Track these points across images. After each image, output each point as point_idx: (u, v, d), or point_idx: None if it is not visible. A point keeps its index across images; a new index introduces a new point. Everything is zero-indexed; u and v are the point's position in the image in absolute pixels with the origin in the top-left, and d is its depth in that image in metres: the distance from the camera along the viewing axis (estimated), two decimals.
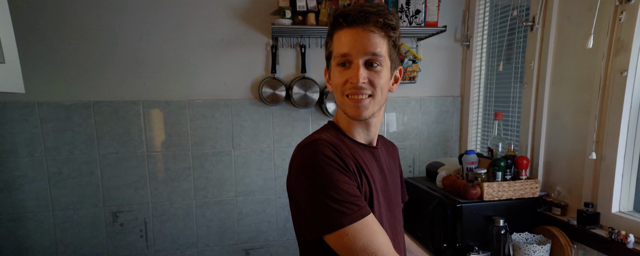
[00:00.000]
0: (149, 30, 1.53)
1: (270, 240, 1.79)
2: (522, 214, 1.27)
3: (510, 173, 1.28)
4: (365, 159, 0.75)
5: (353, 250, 0.64)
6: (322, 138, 0.69)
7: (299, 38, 1.66)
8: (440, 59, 1.82)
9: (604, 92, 1.05)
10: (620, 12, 0.98)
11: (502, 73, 1.61)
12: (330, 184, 0.65)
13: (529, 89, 1.37)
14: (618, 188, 1.03)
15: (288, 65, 1.69)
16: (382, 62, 0.69)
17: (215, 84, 1.64)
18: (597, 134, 1.07)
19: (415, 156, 1.89)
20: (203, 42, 1.59)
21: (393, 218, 0.83)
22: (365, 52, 0.67)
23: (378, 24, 0.67)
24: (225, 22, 1.60)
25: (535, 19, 1.31)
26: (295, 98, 1.66)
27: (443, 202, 1.31)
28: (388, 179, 0.82)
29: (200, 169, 1.67)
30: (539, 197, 1.27)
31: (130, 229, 1.63)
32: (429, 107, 1.86)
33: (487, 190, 1.24)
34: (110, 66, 1.52)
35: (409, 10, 1.54)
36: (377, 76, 0.69)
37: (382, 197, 0.78)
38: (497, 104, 1.66)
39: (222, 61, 1.63)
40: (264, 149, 1.73)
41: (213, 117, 1.66)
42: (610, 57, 1.02)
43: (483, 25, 1.72)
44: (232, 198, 1.73)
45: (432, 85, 1.84)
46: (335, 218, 0.64)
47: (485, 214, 1.25)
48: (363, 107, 0.70)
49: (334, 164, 0.66)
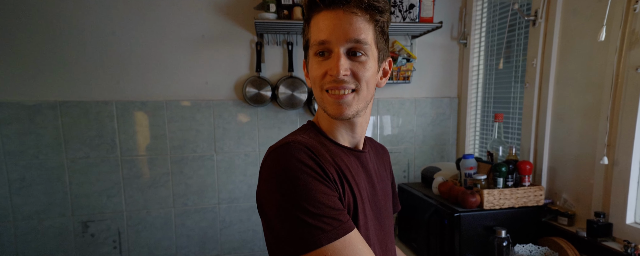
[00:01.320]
0: (122, 25, 1.42)
1: (255, 250, 1.67)
2: (525, 224, 1.16)
3: (512, 179, 1.18)
4: (350, 165, 0.64)
5: None
6: (296, 140, 0.58)
7: (286, 34, 1.55)
8: (436, 57, 1.73)
9: (616, 90, 0.96)
10: (635, 2, 0.89)
11: (502, 73, 1.51)
12: (305, 195, 0.53)
13: (531, 89, 1.28)
14: (633, 196, 0.93)
15: (274, 63, 1.58)
16: (368, 51, 0.59)
17: (196, 84, 1.53)
18: (608, 137, 0.97)
19: (410, 161, 1.78)
20: (182, 38, 1.48)
21: (382, 232, 0.72)
22: (347, 39, 0.56)
23: (361, 6, 0.57)
24: (206, 17, 1.49)
25: (537, 13, 1.22)
26: (282, 99, 1.55)
27: (439, 211, 1.20)
28: (377, 188, 0.71)
29: (180, 174, 1.56)
30: (543, 205, 1.17)
31: (102, 240, 1.50)
32: (424, 108, 1.76)
33: (488, 198, 1.13)
34: (79, 63, 1.40)
35: (402, 4, 1.45)
36: (362, 68, 0.59)
37: (370, 208, 0.67)
38: (497, 106, 1.57)
39: (203, 58, 1.52)
40: (249, 153, 1.61)
41: (193, 119, 1.54)
42: (623, 52, 0.93)
43: (481, 22, 1.63)
44: (215, 206, 1.61)
45: (427, 85, 1.75)
46: (311, 236, 0.53)
47: (486, 224, 1.14)
48: (345, 104, 0.59)
49: (310, 171, 0.55)
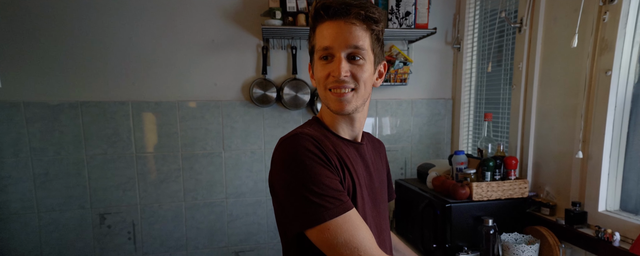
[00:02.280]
0: (138, 31, 1.53)
1: (260, 242, 1.77)
2: (511, 214, 1.26)
3: (500, 173, 1.28)
4: (349, 155, 0.74)
5: (334, 245, 0.63)
6: (304, 132, 0.69)
7: (290, 39, 1.66)
8: (431, 61, 1.83)
9: (589, 92, 1.06)
10: (604, 13, 0.99)
11: (493, 75, 1.62)
12: (311, 178, 0.64)
13: (518, 91, 1.38)
14: (604, 187, 1.03)
15: (279, 66, 1.69)
16: (365, 56, 0.69)
17: (206, 85, 1.64)
18: (583, 133, 1.08)
19: (407, 158, 1.88)
20: (193, 43, 1.59)
21: (378, 215, 0.82)
22: (347, 45, 0.67)
23: (360, 17, 0.67)
24: (216, 23, 1.60)
25: (523, 20, 1.33)
26: (286, 99, 1.66)
27: (432, 202, 1.30)
28: (373, 176, 0.81)
29: (190, 170, 1.66)
30: (528, 197, 1.27)
31: (118, 231, 1.60)
32: (420, 109, 1.86)
33: (476, 190, 1.23)
34: (99, 66, 1.51)
35: (399, 12, 1.56)
36: (360, 70, 0.69)
37: (367, 193, 0.77)
38: (488, 106, 1.67)
39: (212, 62, 1.62)
40: (255, 151, 1.72)
41: (203, 119, 1.65)
42: (595, 57, 1.03)
43: (473, 28, 1.74)
44: (222, 200, 1.71)
45: (423, 87, 1.85)
46: (316, 213, 0.63)
47: (475, 214, 1.24)
48: (346, 101, 0.70)
49: (315, 157, 0.65)
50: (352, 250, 0.63)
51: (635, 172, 1.01)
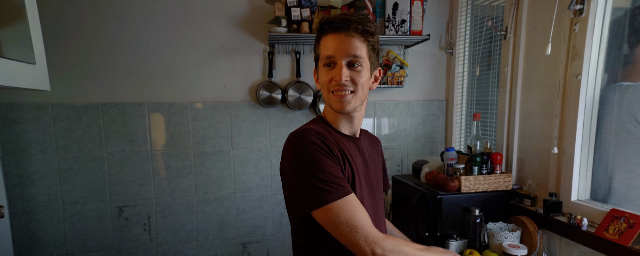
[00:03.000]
0: (154, 37, 1.66)
1: (266, 234, 1.89)
2: (496, 205, 1.38)
3: (486, 168, 1.40)
4: (349, 149, 0.87)
5: (336, 224, 0.76)
6: (310, 128, 0.81)
7: (294, 45, 1.79)
8: (426, 65, 1.96)
9: (564, 94, 1.18)
10: (574, 24, 1.12)
11: (482, 78, 1.74)
12: (316, 166, 0.76)
13: (504, 93, 1.51)
14: (576, 179, 1.16)
15: (284, 70, 1.82)
16: (362, 63, 0.82)
17: (216, 87, 1.76)
18: (558, 131, 1.20)
19: (404, 156, 2.01)
20: (204, 48, 1.72)
21: (374, 201, 0.94)
22: (347, 54, 0.80)
23: (358, 30, 0.80)
24: (226, 30, 1.73)
25: (507, 28, 1.46)
26: (291, 101, 1.79)
27: (425, 195, 1.42)
28: (370, 167, 0.94)
29: (201, 167, 1.79)
30: (512, 190, 1.39)
31: (134, 223, 1.73)
32: (416, 110, 1.99)
33: (465, 183, 1.35)
34: (118, 70, 1.64)
35: (395, 20, 1.68)
36: (358, 75, 0.82)
37: (364, 182, 0.89)
38: (478, 107, 1.79)
39: (222, 65, 1.75)
40: (261, 149, 1.84)
41: (213, 119, 1.77)
42: (568, 63, 1.16)
43: (465, 34, 1.86)
44: (231, 195, 1.83)
45: (418, 89, 1.98)
46: (321, 196, 0.75)
47: (463, 205, 1.36)
48: (346, 102, 0.82)
49: (320, 149, 0.78)
50: (351, 227, 0.76)
51: (603, 166, 1.13)
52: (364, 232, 0.76)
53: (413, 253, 0.81)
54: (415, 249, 0.83)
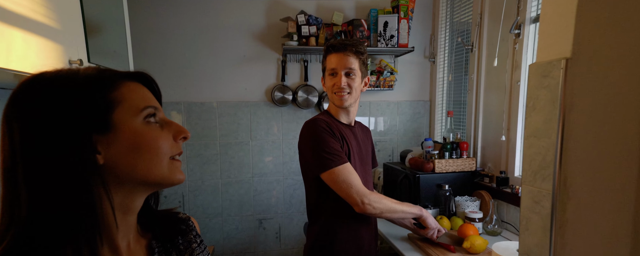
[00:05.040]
0: (190, 49, 2.05)
1: (278, 212, 2.26)
2: (463, 182, 1.76)
3: (456, 154, 1.78)
4: (346, 133, 1.25)
5: (337, 182, 1.13)
6: (319, 117, 1.20)
7: (303, 55, 2.17)
8: (412, 71, 2.34)
9: (510, 95, 1.56)
10: (515, 43, 1.50)
11: (458, 83, 2.12)
12: (324, 142, 1.14)
13: (471, 95, 1.88)
14: (518, 159, 1.53)
15: (294, 75, 2.20)
16: (356, 73, 1.20)
17: (238, 90, 2.15)
18: (506, 123, 1.58)
19: (394, 147, 2.38)
20: (230, 57, 2.11)
21: (365, 171, 1.32)
22: (345, 67, 1.18)
23: (352, 51, 1.18)
24: (247, 43, 2.11)
25: (473, 43, 1.83)
26: (300, 101, 2.17)
27: (408, 175, 1.80)
28: (361, 147, 1.32)
29: (225, 155, 2.16)
30: (475, 171, 1.77)
31: (171, 200, 2.10)
32: (404, 109, 2.37)
33: (438, 165, 1.73)
34: (163, 75, 2.02)
35: (385, 35, 2.07)
36: (353, 81, 1.20)
37: (357, 157, 1.27)
38: (455, 106, 2.17)
39: (243, 72, 2.13)
40: (275, 141, 2.22)
41: (235, 115, 2.15)
42: (512, 72, 1.53)
43: (444, 46, 2.24)
44: (249, 179, 2.21)
45: (406, 92, 2.35)
46: (327, 163, 1.13)
47: (437, 182, 1.73)
48: (344, 100, 1.20)
49: (326, 132, 1.16)
50: (347, 184, 1.13)
51: None
52: (356, 188, 1.14)
53: (390, 203, 1.19)
54: (392, 201, 1.21)
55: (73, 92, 0.44)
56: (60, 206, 0.43)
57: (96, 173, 0.44)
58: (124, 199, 0.49)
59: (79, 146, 0.43)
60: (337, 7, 2.16)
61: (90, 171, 0.44)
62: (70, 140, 0.43)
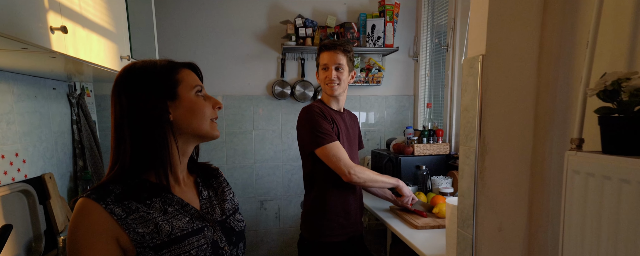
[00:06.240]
0: (200, 47, 2.30)
1: (278, 194, 2.53)
2: (439, 164, 2.03)
3: (433, 140, 2.05)
4: (336, 117, 1.51)
5: (328, 156, 1.40)
6: (314, 104, 1.46)
7: (300, 53, 2.44)
8: (398, 68, 2.61)
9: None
10: None
11: (437, 78, 2.39)
12: (318, 124, 1.41)
13: (447, 90, 2.16)
14: None
15: (292, 71, 2.46)
16: (344, 68, 1.46)
17: (242, 84, 2.40)
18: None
19: (382, 137, 2.65)
20: (235, 56, 2.36)
21: (352, 151, 1.58)
22: (335, 63, 1.45)
23: (341, 49, 1.45)
24: (251, 43, 2.37)
25: (448, 44, 2.11)
26: (297, 94, 2.43)
27: (391, 158, 2.07)
28: (349, 130, 1.58)
29: (230, 143, 2.42)
30: (449, 154, 2.04)
31: None
32: (390, 102, 2.64)
33: (417, 149, 2.00)
34: None
35: (373, 36, 2.34)
36: (341, 74, 1.46)
37: (345, 138, 1.54)
38: (436, 100, 2.44)
39: (247, 68, 2.39)
40: (275, 130, 2.48)
41: (240, 107, 2.41)
42: None
43: (426, 46, 2.52)
44: (252, 164, 2.47)
45: (393, 87, 2.62)
46: (320, 141, 1.40)
47: (416, 164, 2.01)
48: (334, 89, 1.47)
49: (320, 115, 1.42)
50: (337, 158, 1.40)
51: None
52: (343, 161, 1.41)
53: (372, 174, 1.46)
54: (373, 173, 1.48)
55: (156, 75, 0.71)
56: (149, 146, 0.69)
57: (169, 125, 0.71)
58: (183, 145, 0.75)
59: (159, 108, 0.69)
60: (330, 11, 2.43)
61: (165, 124, 0.70)
62: (155, 104, 0.69)
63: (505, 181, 0.90)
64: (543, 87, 0.88)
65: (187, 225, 0.69)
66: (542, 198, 0.90)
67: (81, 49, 0.89)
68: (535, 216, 0.91)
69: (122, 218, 0.63)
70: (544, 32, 0.86)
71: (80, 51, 0.89)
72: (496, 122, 0.90)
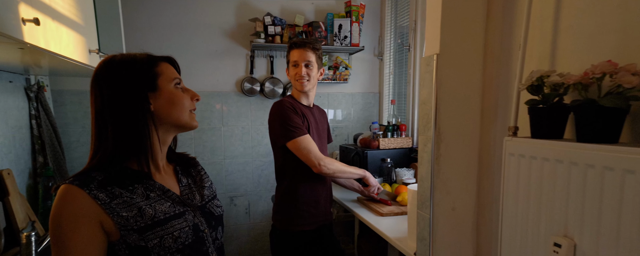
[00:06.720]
0: (167, 44, 2.27)
1: (248, 190, 2.55)
2: (402, 157, 2.17)
3: (397, 134, 2.19)
4: (306, 112, 1.58)
5: (299, 149, 1.47)
6: (285, 99, 1.52)
7: (269, 51, 2.47)
8: (364, 67, 2.73)
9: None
10: None
11: (400, 77, 2.54)
12: (289, 118, 1.47)
13: (409, 87, 2.30)
14: None
15: (261, 69, 2.50)
16: (313, 65, 1.54)
17: (211, 81, 2.40)
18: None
19: (349, 133, 2.76)
20: (204, 52, 2.35)
21: (321, 144, 1.66)
22: (304, 60, 1.51)
23: (310, 47, 1.52)
24: (220, 40, 2.37)
25: (410, 45, 2.26)
26: (267, 91, 2.47)
27: (358, 152, 2.18)
28: (319, 124, 1.66)
29: (199, 139, 2.41)
30: (412, 147, 2.19)
31: None
32: (357, 100, 2.75)
33: (382, 143, 2.13)
34: None
35: (340, 35, 2.43)
36: (310, 71, 1.53)
37: (315, 132, 1.61)
38: (399, 97, 2.59)
39: (216, 65, 2.39)
40: (244, 127, 2.50)
41: (209, 104, 2.41)
42: None
43: (390, 46, 2.66)
44: (221, 160, 2.47)
45: (359, 85, 2.74)
46: (292, 134, 1.46)
47: (381, 157, 2.13)
48: (304, 85, 1.54)
49: (291, 110, 1.49)
50: (307, 151, 1.47)
51: None
52: (313, 153, 1.48)
53: (340, 165, 1.55)
54: (342, 164, 1.57)
55: (137, 67, 0.74)
56: (131, 135, 0.72)
57: (149, 115, 0.74)
58: (163, 135, 0.78)
59: (141, 99, 0.73)
60: (298, 10, 2.49)
61: (147, 114, 0.73)
62: (136, 95, 0.72)
63: (458, 166, 1.02)
64: (487, 83, 1.01)
65: (169, 209, 0.73)
66: (488, 179, 1.03)
67: (51, 41, 0.88)
68: (482, 196, 1.04)
69: (106, 203, 0.66)
70: (487, 35, 0.99)
71: (50, 43, 0.88)
72: (449, 114, 1.02)
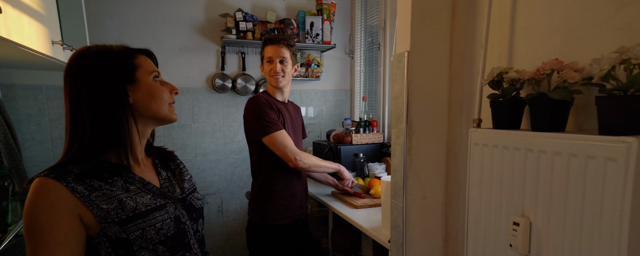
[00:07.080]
0: (131, 39, 2.17)
1: (220, 188, 2.52)
2: (374, 152, 2.24)
3: (369, 130, 2.26)
4: (281, 108, 1.60)
5: (275, 144, 1.48)
6: (260, 95, 1.53)
7: (241, 47, 2.45)
8: (335, 64, 2.78)
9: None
10: None
11: (371, 74, 2.61)
12: (264, 113, 1.48)
13: (380, 84, 2.38)
14: None
15: (233, 65, 2.46)
16: (287, 61, 1.55)
17: (181, 77, 2.33)
18: None
19: (322, 129, 2.80)
20: (173, 47, 2.28)
21: (296, 139, 1.68)
22: (279, 56, 1.53)
23: (285, 44, 1.53)
24: (189, 35, 2.31)
25: (380, 43, 2.33)
26: (239, 88, 2.44)
27: (332, 147, 2.22)
28: (294, 120, 1.68)
29: (169, 137, 2.34)
30: (383, 142, 2.27)
31: None
32: (329, 96, 2.80)
33: (355, 138, 2.18)
34: None
35: (312, 33, 2.46)
36: (285, 67, 1.55)
37: (290, 127, 1.63)
38: (370, 94, 2.66)
39: (185, 61, 2.33)
40: (216, 123, 2.46)
41: (179, 101, 2.34)
42: None
43: (360, 44, 2.72)
44: (193, 158, 2.42)
45: (331, 82, 2.78)
46: (267, 129, 1.47)
47: (354, 152, 2.19)
48: (279, 81, 1.55)
49: (266, 105, 1.49)
50: (283, 146, 1.49)
51: None
52: (289, 148, 1.50)
53: (316, 160, 1.58)
54: (317, 159, 1.60)
55: (114, 59, 0.72)
56: (110, 127, 0.70)
57: (128, 108, 0.73)
58: (142, 127, 0.77)
59: (119, 91, 0.71)
60: (270, 7, 2.48)
61: (125, 107, 0.72)
62: (114, 87, 0.71)
63: (428, 157, 1.09)
64: (453, 79, 1.08)
65: (150, 201, 0.73)
66: (455, 169, 1.10)
67: (13, 31, 0.84)
68: (450, 183, 1.12)
69: (85, 196, 0.64)
70: (453, 34, 1.06)
71: (12, 33, 0.83)
72: (420, 108, 1.08)
